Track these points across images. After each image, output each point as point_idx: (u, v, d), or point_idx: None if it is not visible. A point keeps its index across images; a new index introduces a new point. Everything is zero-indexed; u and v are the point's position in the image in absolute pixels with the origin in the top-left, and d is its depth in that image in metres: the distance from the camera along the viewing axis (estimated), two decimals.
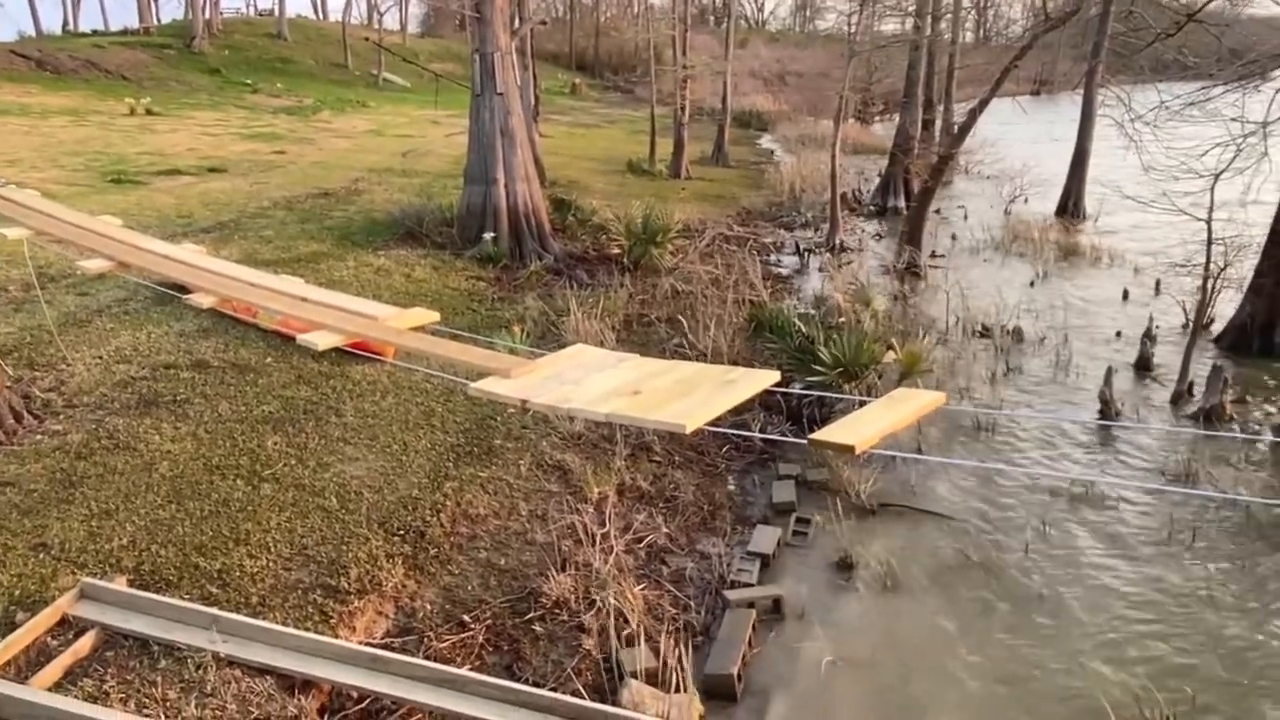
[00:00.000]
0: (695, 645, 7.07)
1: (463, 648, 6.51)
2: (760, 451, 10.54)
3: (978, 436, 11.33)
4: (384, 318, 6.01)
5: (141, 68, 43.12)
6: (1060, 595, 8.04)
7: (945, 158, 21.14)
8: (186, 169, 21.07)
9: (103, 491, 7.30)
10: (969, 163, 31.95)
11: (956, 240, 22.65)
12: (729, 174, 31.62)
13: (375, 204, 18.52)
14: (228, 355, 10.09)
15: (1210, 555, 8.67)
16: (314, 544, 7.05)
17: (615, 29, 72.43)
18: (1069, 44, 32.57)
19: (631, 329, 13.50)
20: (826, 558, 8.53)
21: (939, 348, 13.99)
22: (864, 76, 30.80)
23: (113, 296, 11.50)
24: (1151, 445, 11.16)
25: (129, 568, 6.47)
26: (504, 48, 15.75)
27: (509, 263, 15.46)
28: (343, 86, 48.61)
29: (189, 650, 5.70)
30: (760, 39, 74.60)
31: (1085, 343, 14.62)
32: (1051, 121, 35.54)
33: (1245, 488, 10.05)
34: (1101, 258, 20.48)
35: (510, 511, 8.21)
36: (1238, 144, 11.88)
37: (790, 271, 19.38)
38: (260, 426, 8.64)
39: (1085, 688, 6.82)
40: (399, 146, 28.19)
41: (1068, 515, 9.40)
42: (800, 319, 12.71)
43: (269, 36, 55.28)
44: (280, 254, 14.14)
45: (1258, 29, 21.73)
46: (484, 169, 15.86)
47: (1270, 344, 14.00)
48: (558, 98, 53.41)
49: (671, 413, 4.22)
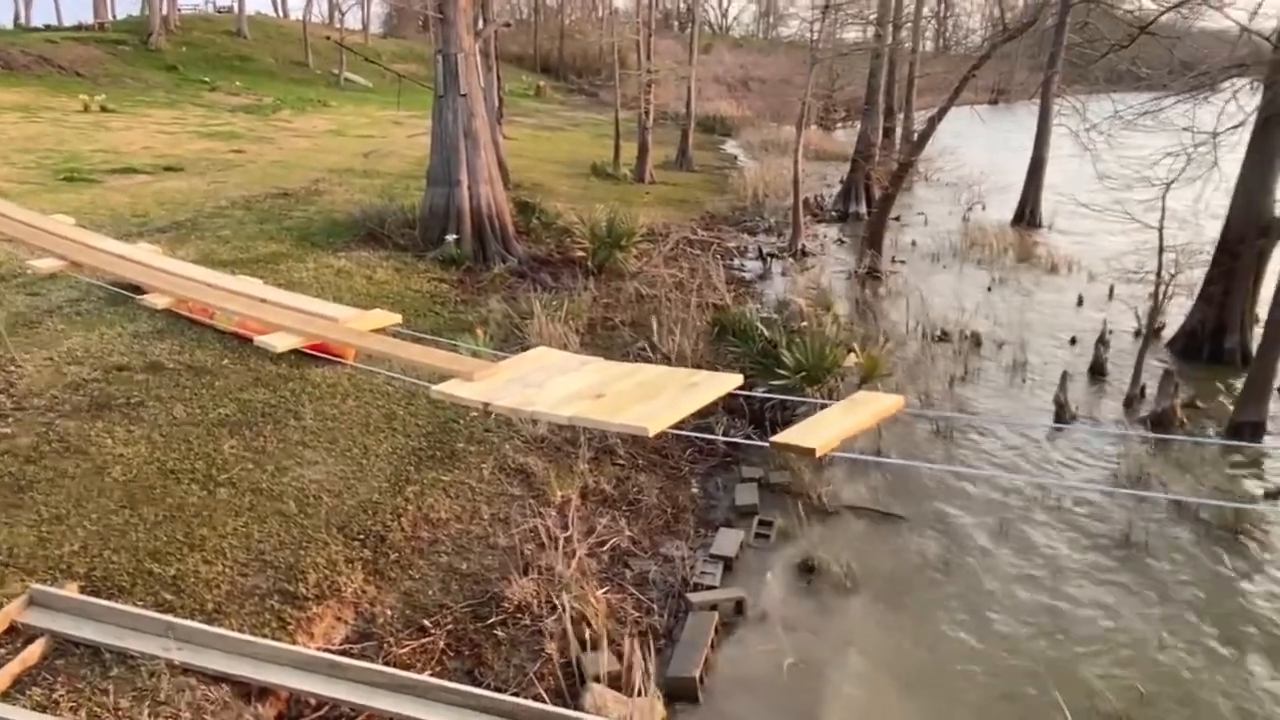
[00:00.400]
0: (658, 648, 7.07)
1: (423, 653, 6.46)
2: (723, 455, 10.58)
3: (937, 440, 11.48)
4: (344, 319, 5.94)
5: (96, 64, 42.25)
6: (1016, 595, 8.17)
7: (905, 165, 21.42)
8: (142, 167, 20.67)
9: (53, 496, 7.14)
10: (929, 170, 32.37)
11: (916, 246, 22.94)
12: (693, 178, 31.73)
13: (336, 205, 18.31)
14: (183, 357, 9.92)
15: (1161, 556, 8.86)
16: (271, 549, 6.95)
17: (580, 32, 72.35)
18: (1026, 54, 33.14)
19: (595, 332, 13.49)
20: (789, 560, 8.59)
21: (899, 351, 14.16)
22: (826, 84, 31.12)
23: (65, 297, 11.24)
24: (1105, 449, 11.38)
25: (80, 574, 6.32)
26: (467, 49, 15.68)
27: (472, 265, 15.36)
28: (303, 85, 48.01)
29: (142, 658, 5.59)
30: (724, 45, 75.00)
31: (1041, 347, 14.88)
32: (1009, 130, 36.12)
33: (1194, 490, 10.29)
34: (1057, 264, 20.86)
35: (472, 515, 8.16)
36: (1189, 153, 12.17)
37: (753, 276, 19.50)
38: (216, 430, 8.50)
39: (1040, 684, 6.93)
40: (361, 147, 27.91)
41: (1024, 517, 9.56)
42: (763, 323, 12.78)
43: (228, 34, 54.44)
44: (238, 254, 13.93)
45: (1208, 41, 22.23)
46: (447, 170, 15.76)
47: (1220, 350, 14.35)
48: (522, 100, 53.21)
49: (634, 416, 4.22)
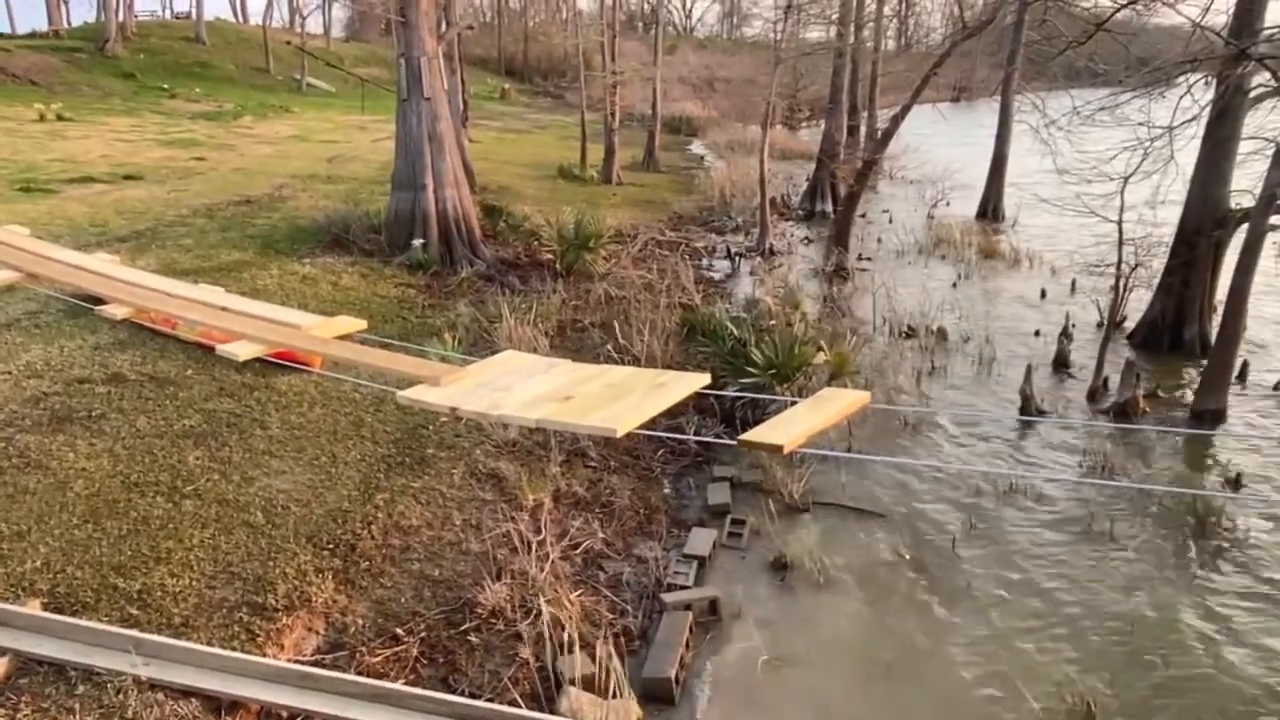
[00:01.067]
0: (633, 650, 7.08)
1: (396, 661, 6.41)
2: (695, 454, 10.61)
3: (906, 434, 11.58)
4: (308, 326, 5.90)
5: (51, 72, 41.51)
6: (986, 588, 8.26)
7: (870, 163, 21.61)
8: (100, 176, 20.33)
9: (13, 512, 7.00)
10: (893, 168, 32.68)
11: (882, 243, 23.15)
12: (660, 179, 31.78)
13: (300, 211, 18.12)
14: (145, 368, 9.77)
15: (1127, 544, 9.01)
16: (239, 560, 6.86)
17: (544, 34, 72.26)
18: (986, 52, 33.56)
19: (565, 335, 13.47)
20: (761, 558, 8.63)
21: (867, 348, 14.28)
22: (790, 83, 31.32)
23: (22, 309, 11.04)
24: (1070, 440, 11.55)
25: (43, 590, 6.21)
26: (430, 52, 15.59)
27: (439, 269, 15.27)
28: (264, 91, 47.50)
29: (108, 674, 5.50)
30: (689, 46, 75.23)
31: (1006, 341, 15.07)
32: (971, 127, 36.58)
33: (1157, 479, 10.47)
34: (1020, 259, 21.15)
35: (444, 522, 8.11)
36: (1145, 147, 12.38)
37: (722, 276, 19.57)
38: (181, 441, 8.38)
39: (1009, 675, 7.02)
40: (324, 152, 27.65)
41: (992, 509, 9.67)
42: (732, 322, 12.83)
43: (186, 40, 53.73)
44: (200, 263, 13.75)
45: (1162, 37, 22.64)
46: (412, 175, 15.66)
47: (1180, 340, 14.61)
48: (487, 103, 53.01)
49: (602, 417, 4.22)
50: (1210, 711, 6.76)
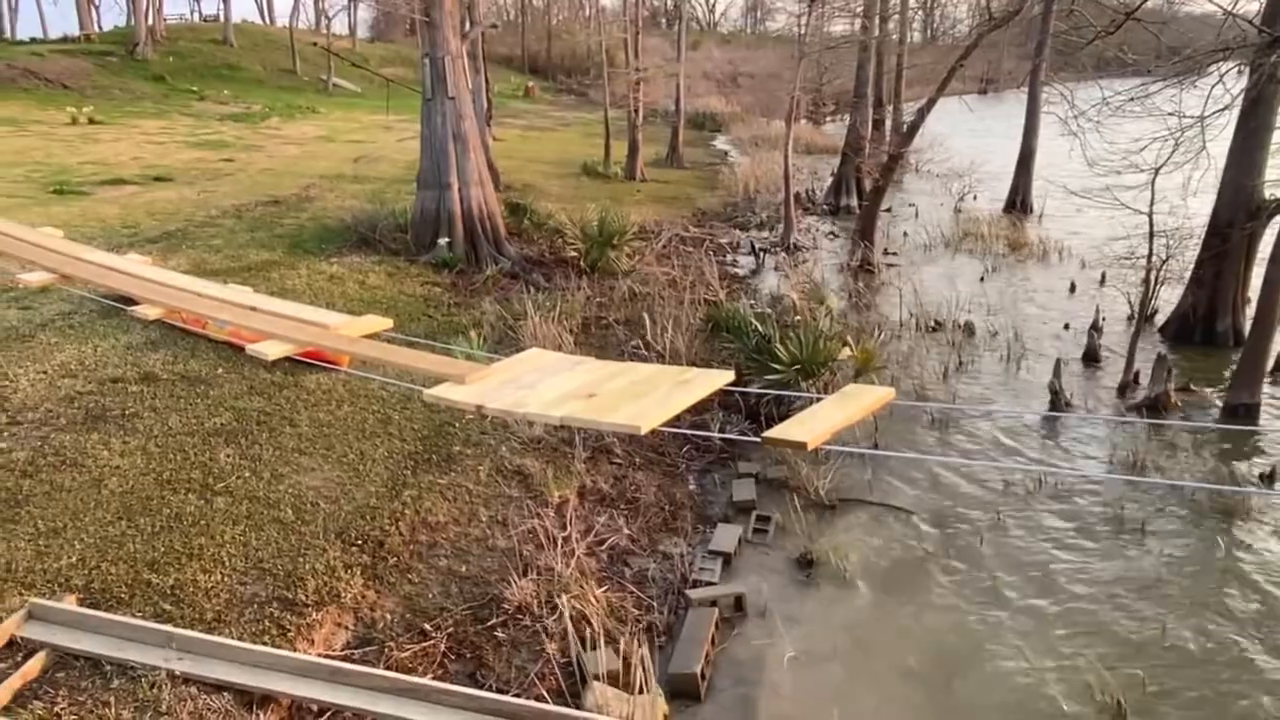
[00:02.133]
0: (659, 646, 7.09)
1: (424, 657, 6.46)
2: (720, 451, 10.60)
3: (933, 431, 11.50)
4: (336, 326, 5.97)
5: (83, 76, 42.13)
6: (1015, 585, 8.19)
7: (895, 156, 21.45)
8: (131, 178, 20.63)
9: (49, 509, 7.13)
10: (919, 161, 32.39)
11: (908, 237, 22.98)
12: (684, 175, 31.74)
13: (327, 211, 18.29)
14: (177, 367, 9.90)
15: (1158, 541, 8.90)
16: (270, 557, 6.95)
17: (567, 32, 72.32)
18: (1013, 43, 33.24)
19: (589, 332, 13.49)
20: (787, 554, 8.61)
21: (893, 343, 14.19)
22: (814, 77, 31.07)
23: (56, 310, 11.22)
24: (1100, 435, 11.42)
25: (79, 586, 6.32)
26: (454, 51, 15.66)
27: (464, 268, 15.36)
28: (291, 92, 47.94)
29: (143, 669, 5.59)
30: (712, 41, 75.06)
31: (1034, 336, 14.92)
32: (998, 119, 36.20)
33: (1189, 474, 10.32)
34: (1049, 252, 20.92)
35: (470, 518, 8.16)
36: (1176, 138, 12.20)
37: (746, 271, 19.51)
38: (212, 439, 8.50)
39: (1039, 675, 6.96)
40: (350, 152, 27.88)
41: (1021, 506, 9.58)
42: (757, 318, 12.79)
43: (214, 42, 54.32)
44: (230, 263, 13.91)
45: (1194, 26, 22.31)
46: (437, 174, 15.75)
47: (1212, 333, 14.40)
48: (511, 101, 53.18)
49: (627, 414, 4.23)
50: (1243, 711, 6.67)
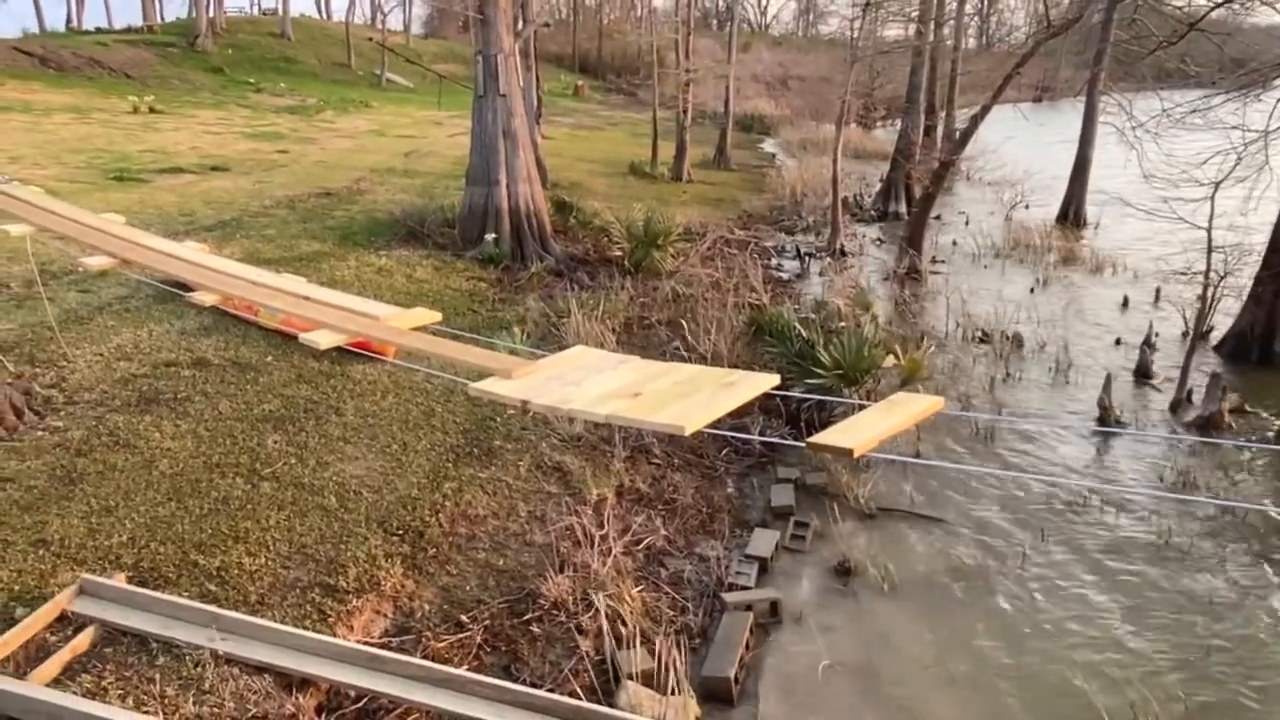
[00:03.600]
0: (692, 648, 7.08)
1: (460, 648, 6.52)
2: (759, 455, 10.55)
3: (977, 442, 11.34)
4: (385, 317, 6.03)
5: (145, 66, 43.16)
6: (1058, 601, 8.05)
7: (946, 163, 21.16)
8: (189, 167, 21.09)
9: (102, 488, 7.31)
10: (970, 169, 32.00)
11: (957, 246, 22.68)
12: (730, 177, 31.66)
13: (377, 204, 18.54)
14: (228, 353, 10.11)
15: (1207, 563, 8.68)
16: (313, 543, 7.06)
17: (618, 31, 72.52)
18: (1071, 51, 32.63)
19: (632, 331, 13.52)
20: (824, 561, 8.54)
21: (939, 353, 14.02)
22: (866, 82, 30.88)
23: (114, 294, 11.51)
24: (1150, 453, 11.18)
25: (128, 565, 6.48)
26: (507, 49, 15.78)
27: (510, 264, 15.47)
28: (346, 86, 48.67)
29: (187, 647, 5.71)
30: (763, 43, 74.73)
31: (1085, 349, 14.64)
32: (1053, 128, 35.55)
33: (1241, 495, 10.07)
34: (1102, 265, 20.51)
35: (509, 512, 8.22)
36: (1238, 152, 11.91)
37: (791, 275, 19.40)
38: (260, 425, 8.66)
39: (1081, 693, 6.83)
40: (401, 147, 28.21)
41: (1065, 522, 9.41)
42: (800, 323, 12.71)
43: (272, 35, 55.36)
44: (282, 253, 14.16)
45: (1259, 38, 21.77)
46: (486, 170, 15.88)
47: (1269, 353, 14.02)
48: (560, 99, 53.44)
49: (671, 415, 4.23)
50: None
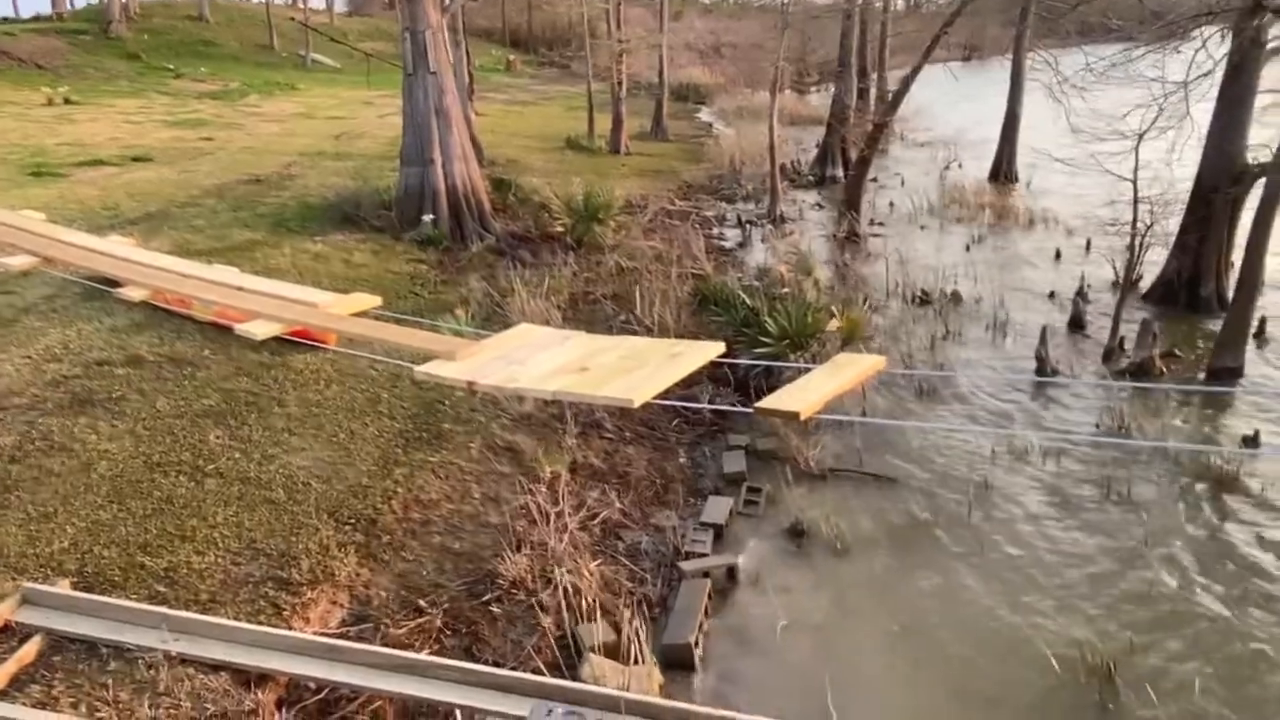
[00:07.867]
0: (653, 617, 7.16)
1: (421, 632, 6.50)
2: (710, 423, 10.64)
3: (922, 399, 11.57)
4: (324, 304, 5.94)
5: (57, 55, 41.41)
6: (1002, 550, 8.29)
7: (880, 126, 21.39)
8: (110, 159, 20.35)
9: (39, 494, 7.10)
10: (904, 130, 32.38)
11: (894, 207, 22.98)
12: (669, 148, 31.58)
13: (310, 189, 18.11)
14: (163, 349, 9.84)
15: (1143, 503, 9.01)
16: (263, 537, 6.95)
17: (548, 3, 71.45)
18: (998, 10, 32.99)
19: (577, 307, 13.47)
20: (778, 525, 8.68)
21: (880, 313, 14.23)
22: (798, 47, 30.99)
23: (39, 294, 11.11)
24: (1085, 401, 11.52)
25: (72, 571, 6.31)
26: (435, 25, 15.48)
27: (450, 245, 15.26)
28: (270, 69, 47.28)
29: (139, 650, 5.60)
30: (694, 11, 74.27)
31: (1021, 303, 14.99)
32: (983, 86, 36.09)
33: (1174, 437, 10.44)
34: (1034, 220, 20.97)
35: (463, 495, 8.18)
36: (1160, 104, 12.20)
37: (733, 244, 19.49)
38: (201, 421, 8.46)
39: (1030, 638, 7.07)
40: (331, 129, 27.57)
41: (1008, 472, 9.68)
42: (744, 291, 12.81)
43: (190, 19, 53.45)
44: (213, 243, 13.79)
45: None
46: (420, 150, 15.61)
47: (1196, 298, 14.50)
48: (492, 75, 52.65)
49: (619, 388, 4.24)
50: (1229, 670, 6.79)
